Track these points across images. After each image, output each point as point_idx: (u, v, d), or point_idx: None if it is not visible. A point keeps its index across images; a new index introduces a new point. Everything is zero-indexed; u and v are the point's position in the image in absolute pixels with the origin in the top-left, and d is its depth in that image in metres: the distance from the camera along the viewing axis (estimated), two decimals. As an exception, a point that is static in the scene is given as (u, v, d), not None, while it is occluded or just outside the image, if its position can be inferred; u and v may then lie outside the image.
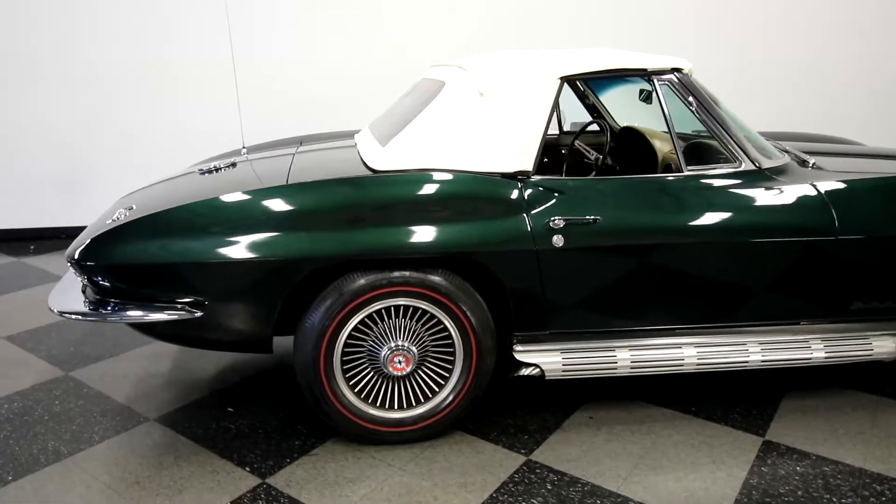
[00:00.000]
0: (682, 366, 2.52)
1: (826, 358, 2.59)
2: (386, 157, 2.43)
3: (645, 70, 2.48)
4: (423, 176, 2.34)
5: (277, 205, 2.27)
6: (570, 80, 2.52)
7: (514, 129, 2.39)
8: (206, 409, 2.71)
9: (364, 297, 2.27)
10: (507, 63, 2.52)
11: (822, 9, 4.67)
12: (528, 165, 2.38)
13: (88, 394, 2.84)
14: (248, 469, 2.32)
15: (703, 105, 2.49)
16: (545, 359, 2.45)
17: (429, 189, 2.32)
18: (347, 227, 2.25)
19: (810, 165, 2.73)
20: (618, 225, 2.34)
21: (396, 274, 2.28)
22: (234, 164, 2.83)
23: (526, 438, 2.50)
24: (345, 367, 2.36)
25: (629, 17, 4.70)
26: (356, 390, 2.39)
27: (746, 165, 2.50)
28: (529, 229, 2.30)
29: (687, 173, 2.47)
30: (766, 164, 2.53)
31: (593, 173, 2.99)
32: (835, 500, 2.16)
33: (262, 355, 3.10)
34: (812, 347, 2.58)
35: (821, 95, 4.80)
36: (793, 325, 2.59)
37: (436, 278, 2.30)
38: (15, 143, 5.08)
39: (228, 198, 2.30)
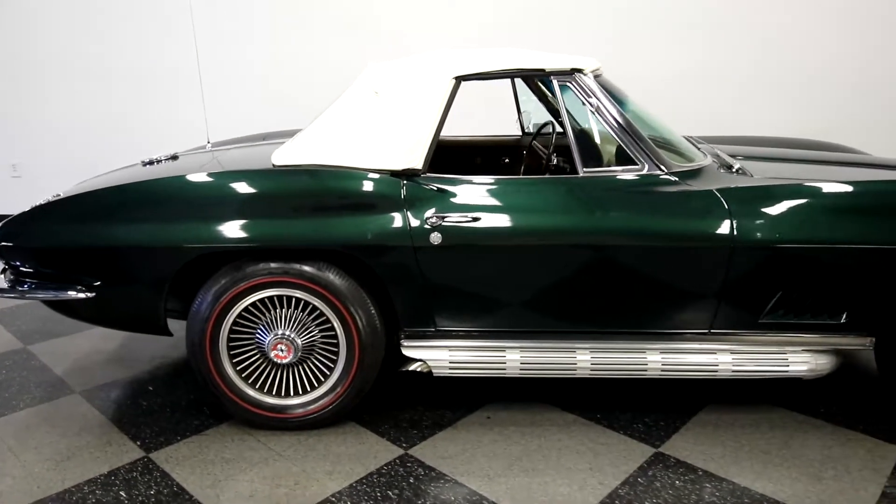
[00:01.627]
0: (576, 371, 2.49)
1: (734, 372, 2.48)
2: (286, 154, 2.51)
3: (543, 70, 2.45)
4: (307, 171, 2.41)
5: (163, 194, 2.40)
6: (468, 79, 2.51)
7: (406, 127, 2.42)
8: (129, 386, 2.88)
9: (245, 285, 2.36)
10: (405, 63, 2.55)
11: (833, 12, 4.41)
12: (418, 163, 2.41)
13: (34, 366, 3.08)
14: (138, 443, 2.46)
15: (603, 106, 2.44)
16: (431, 355, 2.48)
17: (309, 184, 2.39)
18: (228, 217, 2.34)
19: (735, 170, 2.61)
20: (496, 224, 2.33)
21: (276, 265, 2.35)
22: (175, 157, 2.98)
23: (414, 433, 2.53)
24: (233, 352, 2.46)
25: (630, 17, 4.60)
26: (244, 375, 2.48)
27: (649, 168, 2.43)
28: (408, 226, 2.33)
29: (582, 174, 2.43)
30: (674, 167, 2.45)
31: (546, 174, 2.97)
32: (696, 516, 2.09)
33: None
34: (719, 359, 2.48)
35: (828, 101, 4.54)
36: (700, 335, 2.50)
37: (324, 274, 2.35)
38: (35, 136, 5.54)
39: (125, 186, 2.44)
